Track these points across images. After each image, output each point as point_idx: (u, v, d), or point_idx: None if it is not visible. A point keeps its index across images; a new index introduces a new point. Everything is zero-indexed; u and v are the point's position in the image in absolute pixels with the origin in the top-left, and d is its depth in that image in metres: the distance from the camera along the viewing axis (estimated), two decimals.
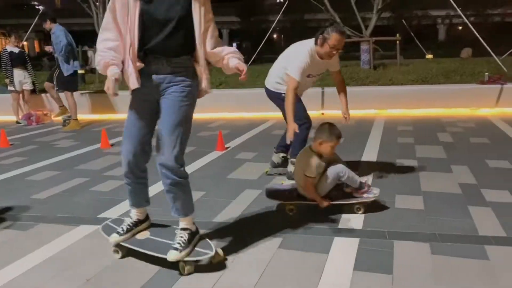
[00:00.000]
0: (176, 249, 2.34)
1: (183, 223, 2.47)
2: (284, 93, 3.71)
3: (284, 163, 4.10)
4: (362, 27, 10.90)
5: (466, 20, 11.70)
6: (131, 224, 2.58)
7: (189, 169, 4.49)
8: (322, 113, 7.84)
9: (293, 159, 3.68)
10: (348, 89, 8.93)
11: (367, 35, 10.74)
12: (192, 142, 5.87)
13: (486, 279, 2.23)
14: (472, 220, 2.99)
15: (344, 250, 2.62)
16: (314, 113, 7.84)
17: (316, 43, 3.56)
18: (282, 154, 4.12)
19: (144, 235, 2.58)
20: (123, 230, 2.54)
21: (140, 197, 2.59)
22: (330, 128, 3.08)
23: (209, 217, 3.22)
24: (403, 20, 21.32)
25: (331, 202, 3.14)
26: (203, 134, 6.52)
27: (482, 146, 5.16)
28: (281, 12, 12.72)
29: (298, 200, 3.22)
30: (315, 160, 3.06)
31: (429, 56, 17.87)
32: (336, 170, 3.11)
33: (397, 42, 11.07)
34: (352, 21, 11.23)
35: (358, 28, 11.03)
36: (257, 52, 11.83)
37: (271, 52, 31.66)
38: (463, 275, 2.29)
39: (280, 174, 4.14)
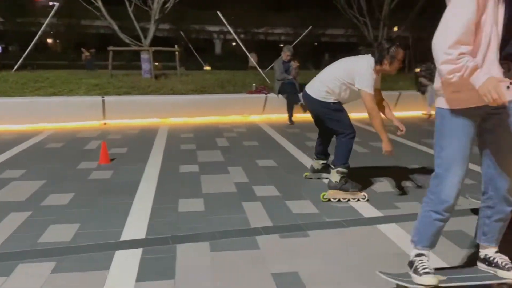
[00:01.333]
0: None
1: (496, 248, 2.27)
2: (332, 103, 3.72)
3: (324, 169, 4.20)
4: (142, 37, 10.89)
5: (236, 37, 13.03)
6: (427, 261, 2.19)
7: None
8: (105, 123, 7.49)
9: (339, 168, 3.69)
10: (130, 98, 8.68)
11: (146, 45, 10.77)
12: None
13: (258, 267, 2.48)
14: (245, 215, 3.30)
15: (125, 263, 2.52)
16: (95, 123, 7.47)
17: (380, 63, 3.55)
18: (322, 161, 4.21)
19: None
20: (431, 269, 2.15)
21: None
22: None
23: None
24: (182, 33, 22.32)
25: None
26: None
27: (253, 148, 5.79)
28: (50, 15, 11.54)
29: None
30: None
31: (207, 67, 19.20)
32: None
33: (176, 53, 11.49)
34: (132, 29, 11.10)
35: (139, 38, 10.97)
36: (24, 56, 10.44)
37: (47, 58, 28.70)
38: (238, 266, 2.49)
39: (318, 178, 4.27)
